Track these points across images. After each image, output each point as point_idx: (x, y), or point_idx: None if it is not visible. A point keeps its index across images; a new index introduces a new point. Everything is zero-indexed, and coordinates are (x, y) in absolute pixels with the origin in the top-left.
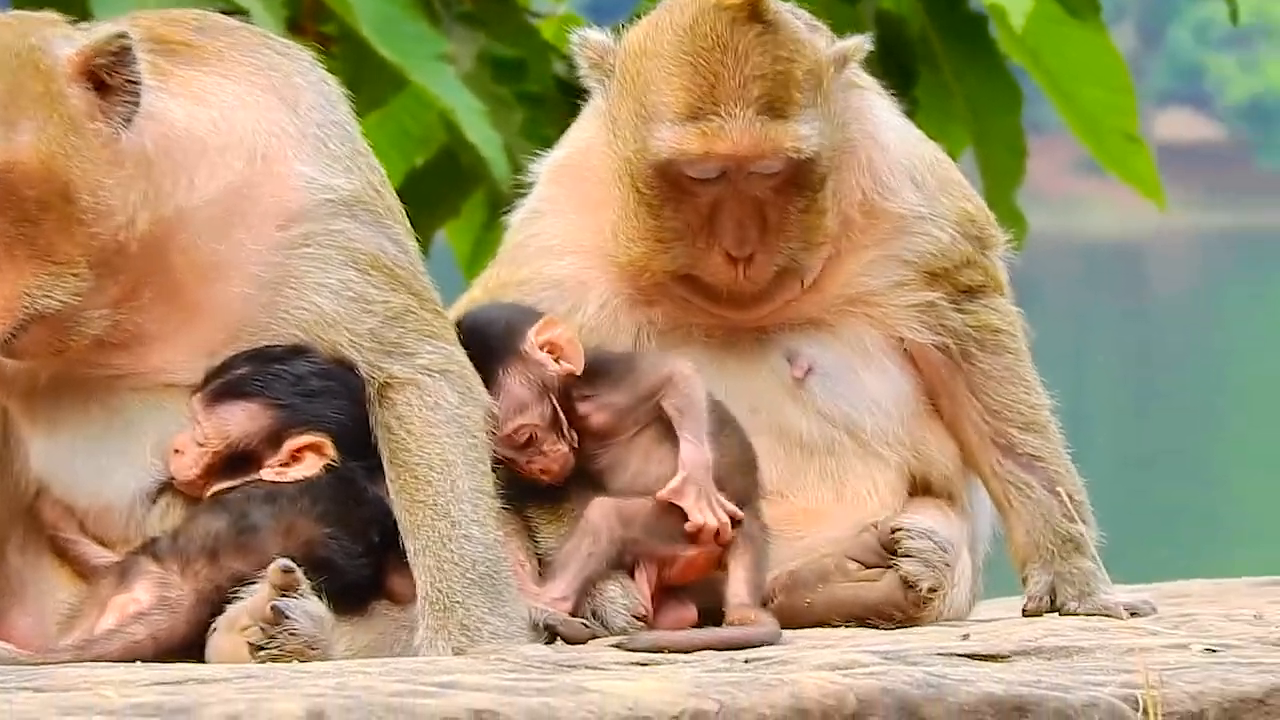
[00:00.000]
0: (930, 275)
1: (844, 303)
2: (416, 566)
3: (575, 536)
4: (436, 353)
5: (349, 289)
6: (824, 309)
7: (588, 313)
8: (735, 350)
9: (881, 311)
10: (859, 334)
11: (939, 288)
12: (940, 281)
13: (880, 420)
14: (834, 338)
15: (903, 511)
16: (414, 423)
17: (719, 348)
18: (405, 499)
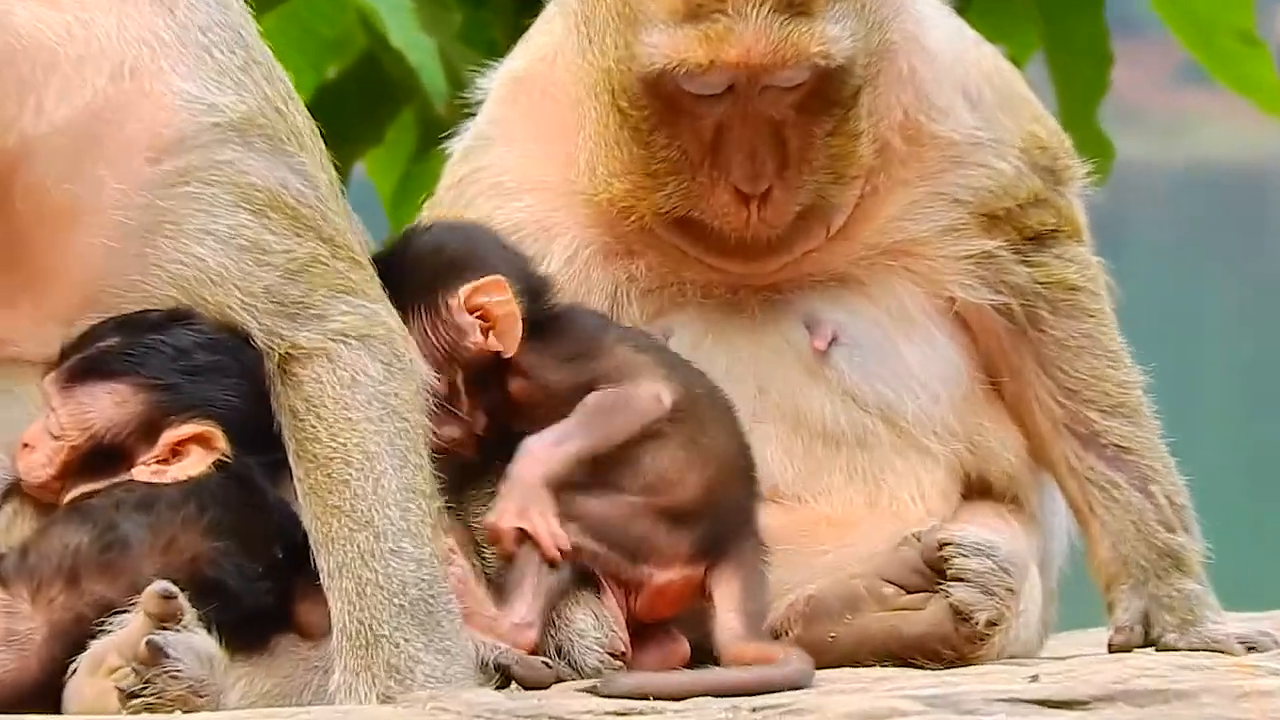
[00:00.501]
0: (989, 218)
1: (879, 253)
2: (332, 591)
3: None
4: (354, 313)
5: (240, 236)
6: (854, 261)
7: (551, 266)
8: (740, 314)
9: (927, 264)
10: (898, 293)
11: (1000, 234)
12: (1001, 226)
13: (925, 403)
14: (866, 299)
15: (953, 520)
16: (326, 404)
17: (719, 311)
18: (316, 504)
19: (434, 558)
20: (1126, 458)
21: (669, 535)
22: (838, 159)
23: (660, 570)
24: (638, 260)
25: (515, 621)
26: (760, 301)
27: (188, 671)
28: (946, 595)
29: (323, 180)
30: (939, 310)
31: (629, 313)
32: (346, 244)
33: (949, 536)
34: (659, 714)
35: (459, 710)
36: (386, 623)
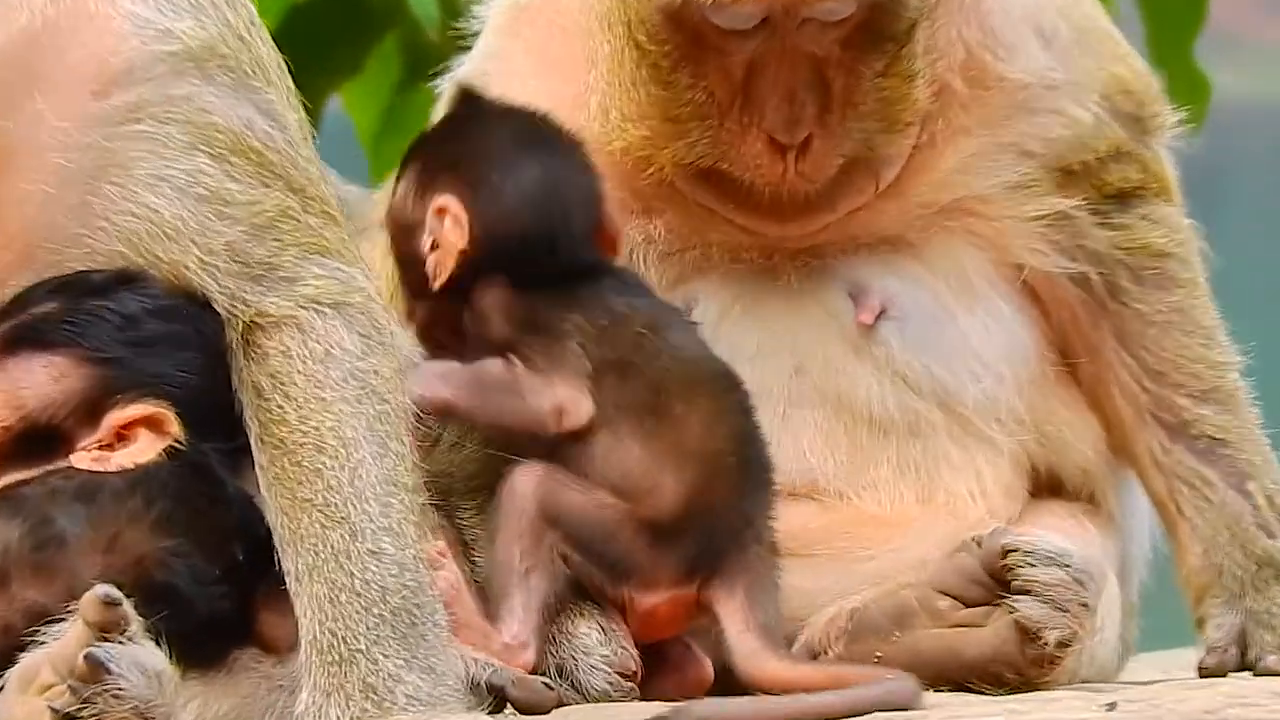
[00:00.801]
0: (1064, 173)
1: (936, 213)
2: (300, 597)
3: (499, 536)
4: (328, 277)
5: (199, 184)
6: (906, 222)
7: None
8: (774, 282)
9: (992, 226)
10: (958, 259)
11: (1076, 192)
12: (1078, 182)
13: (987, 386)
14: (920, 265)
15: (1019, 522)
16: (295, 381)
17: (749, 278)
18: (283, 497)
19: (418, 560)
20: (1221, 451)
21: (651, 552)
22: (889, 104)
23: (644, 593)
24: (656, 219)
25: (507, 641)
26: (797, 268)
27: (132, 690)
28: (1011, 610)
29: (292, 121)
30: (1005, 279)
31: (646, 279)
32: (319, 196)
33: (1014, 541)
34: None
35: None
36: (363, 635)
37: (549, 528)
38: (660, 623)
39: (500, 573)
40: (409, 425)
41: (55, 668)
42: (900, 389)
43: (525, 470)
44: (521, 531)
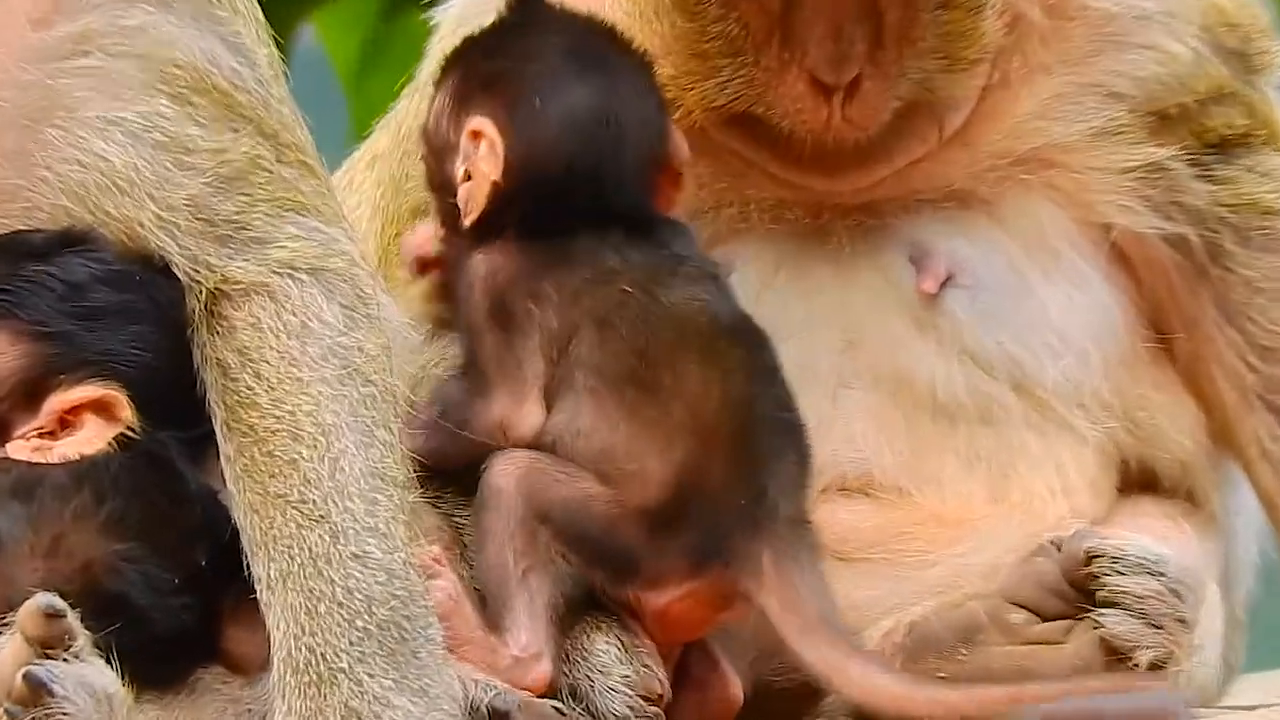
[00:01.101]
0: (1158, 117)
1: (1010, 164)
2: (272, 609)
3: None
4: (306, 238)
5: (155, 129)
6: (976, 175)
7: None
8: (824, 244)
9: (1074, 179)
10: (1035, 217)
11: (1172, 140)
12: (1175, 128)
13: (1070, 365)
14: (993, 224)
15: (1106, 522)
16: (267, 359)
17: (795, 240)
18: (253, 492)
19: (409, 566)
20: None
21: (649, 545)
22: (952, 38)
23: (650, 592)
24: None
25: (516, 654)
26: (850, 228)
27: (79, 715)
28: (1096, 625)
29: (262, 57)
30: (1090, 241)
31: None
32: (295, 143)
33: (1100, 545)
34: None
35: None
36: (345, 652)
37: (541, 523)
38: (677, 624)
39: (496, 578)
40: (398, 410)
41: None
42: (969, 369)
43: (505, 460)
44: (512, 531)
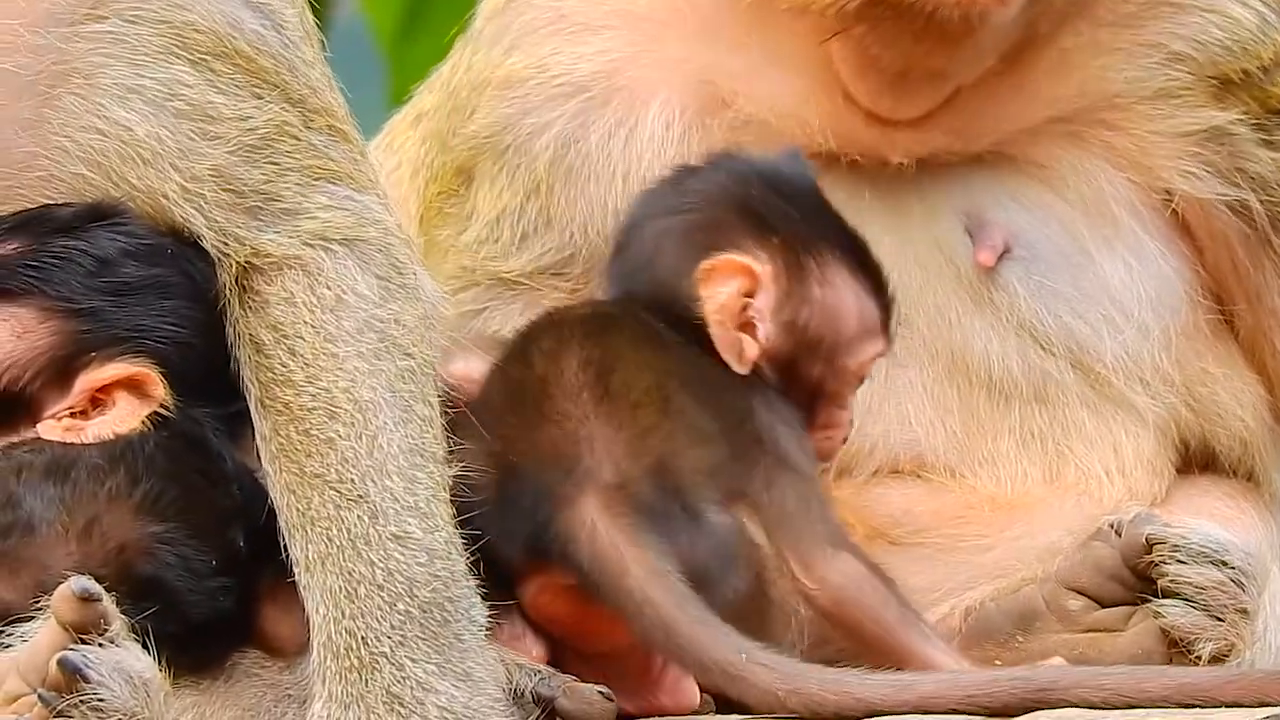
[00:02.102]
0: (1221, 83)
1: (1067, 122)
2: (311, 591)
3: None
4: (338, 207)
5: (177, 96)
6: (1032, 130)
7: (644, 135)
8: (876, 206)
9: (1135, 142)
10: (1094, 183)
11: (1235, 105)
12: (1237, 94)
13: (1130, 339)
14: (1050, 191)
15: (1166, 504)
16: (302, 335)
17: (848, 200)
18: (290, 472)
19: (451, 545)
20: None
21: (495, 541)
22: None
23: (521, 590)
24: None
25: (504, 638)
26: (907, 190)
27: (115, 701)
28: (1156, 615)
29: (290, 18)
30: (1150, 208)
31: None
32: (324, 107)
33: (1161, 532)
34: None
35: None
36: (387, 636)
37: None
38: (554, 622)
39: None
40: (437, 384)
41: (24, 675)
42: (1026, 344)
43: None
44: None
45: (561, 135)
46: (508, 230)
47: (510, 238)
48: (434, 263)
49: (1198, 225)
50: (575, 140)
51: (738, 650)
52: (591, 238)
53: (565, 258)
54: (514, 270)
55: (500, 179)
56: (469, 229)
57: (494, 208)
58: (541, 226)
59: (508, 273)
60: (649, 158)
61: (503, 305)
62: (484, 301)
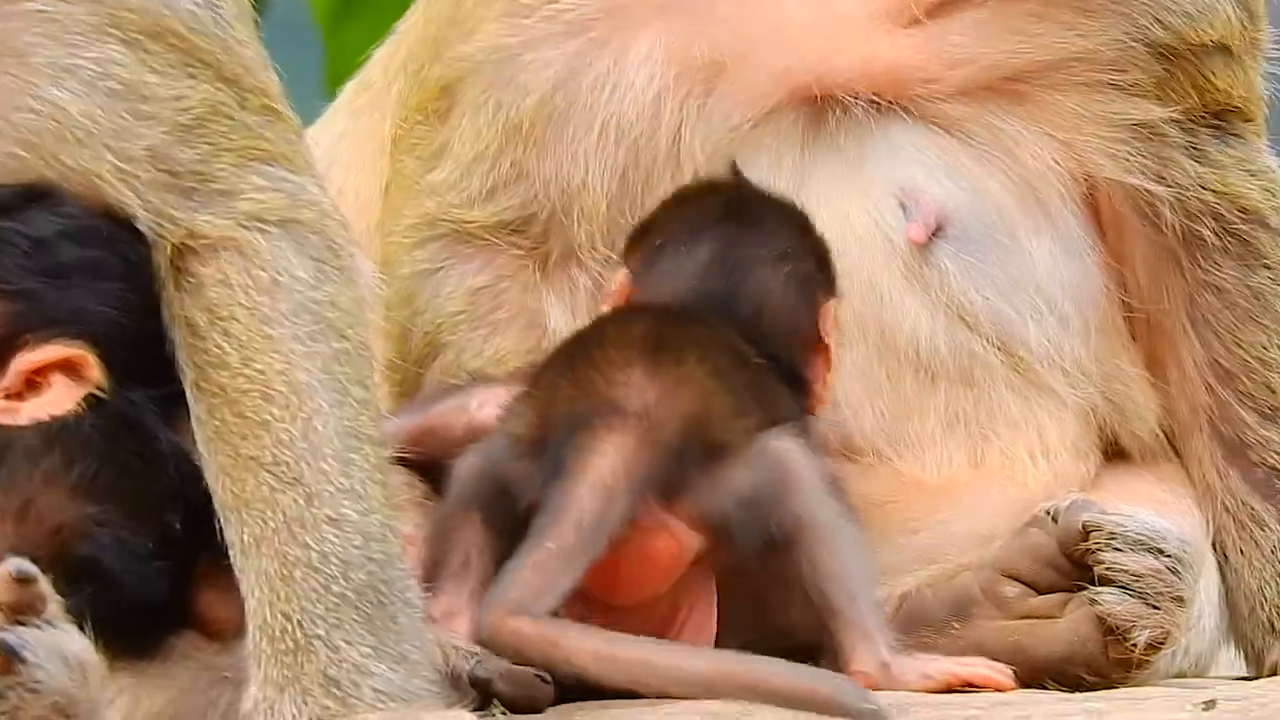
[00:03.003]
0: (1164, 55)
1: (995, 90)
2: (247, 574)
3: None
4: (273, 188)
5: (110, 76)
6: (967, 93)
7: (626, 92)
8: (813, 177)
9: (1068, 122)
10: (1019, 154)
11: (1177, 96)
12: (1179, 78)
13: (1052, 327)
14: (979, 163)
15: (1098, 487)
16: (236, 316)
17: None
18: (225, 454)
19: (386, 528)
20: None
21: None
22: None
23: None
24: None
25: (434, 614)
26: (842, 161)
27: (51, 682)
28: (1092, 602)
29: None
30: (1076, 198)
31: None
32: (259, 86)
33: (1097, 519)
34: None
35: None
36: (322, 618)
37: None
38: (629, 573)
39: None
40: (373, 367)
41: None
42: (954, 324)
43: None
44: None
45: (556, 76)
46: (478, 180)
47: (479, 188)
48: (397, 198)
49: (1114, 223)
50: (565, 82)
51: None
52: (555, 197)
53: (528, 215)
54: (476, 221)
55: (484, 113)
56: (438, 168)
57: (470, 148)
58: (512, 180)
59: (470, 222)
60: (629, 115)
61: (459, 264)
62: (440, 260)
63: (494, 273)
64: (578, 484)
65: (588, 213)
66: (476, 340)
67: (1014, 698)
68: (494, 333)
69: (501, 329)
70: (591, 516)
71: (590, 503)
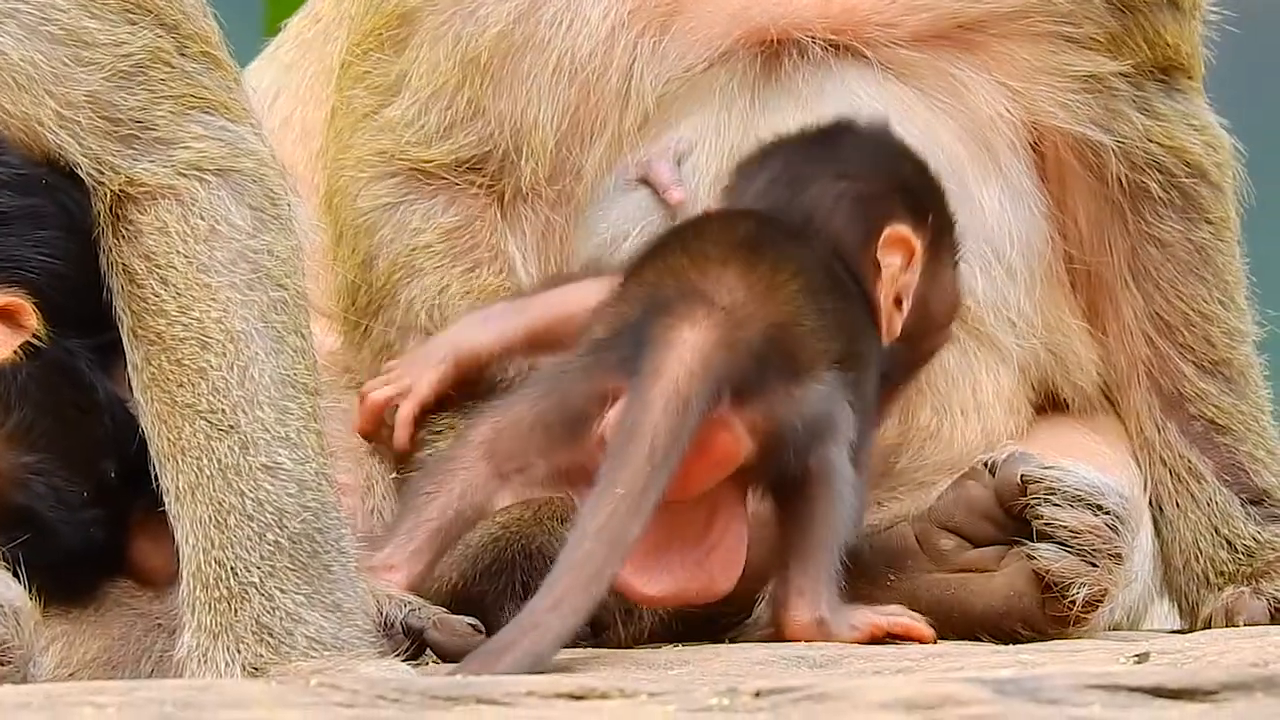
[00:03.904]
0: (1123, 11)
1: (948, 37)
2: (181, 522)
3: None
4: (212, 137)
5: (50, 21)
6: (920, 38)
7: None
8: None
9: (1020, 71)
10: (979, 109)
11: (1129, 49)
12: (1132, 33)
13: (999, 278)
14: (934, 114)
15: (1031, 439)
16: (174, 265)
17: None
18: (161, 402)
19: (321, 476)
20: (1218, 439)
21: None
22: None
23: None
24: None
25: (374, 563)
26: (796, 107)
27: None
28: (1029, 557)
29: None
30: (1025, 146)
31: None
32: (199, 33)
33: (1035, 473)
34: (628, 698)
35: (356, 689)
36: (256, 566)
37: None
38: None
39: (406, 494)
40: (309, 315)
41: None
42: None
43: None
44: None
45: (517, 9)
46: (435, 117)
47: (437, 125)
48: (344, 127)
49: (1058, 174)
50: (526, 16)
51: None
52: (508, 134)
53: (484, 154)
54: (434, 160)
55: (443, 44)
56: (394, 104)
57: (428, 83)
58: (468, 118)
59: (428, 161)
60: (583, 55)
61: (422, 200)
62: (401, 194)
63: (464, 213)
64: (653, 399)
65: (535, 151)
66: (459, 272)
67: (948, 649)
68: (476, 267)
69: (484, 265)
70: (666, 436)
71: (664, 421)
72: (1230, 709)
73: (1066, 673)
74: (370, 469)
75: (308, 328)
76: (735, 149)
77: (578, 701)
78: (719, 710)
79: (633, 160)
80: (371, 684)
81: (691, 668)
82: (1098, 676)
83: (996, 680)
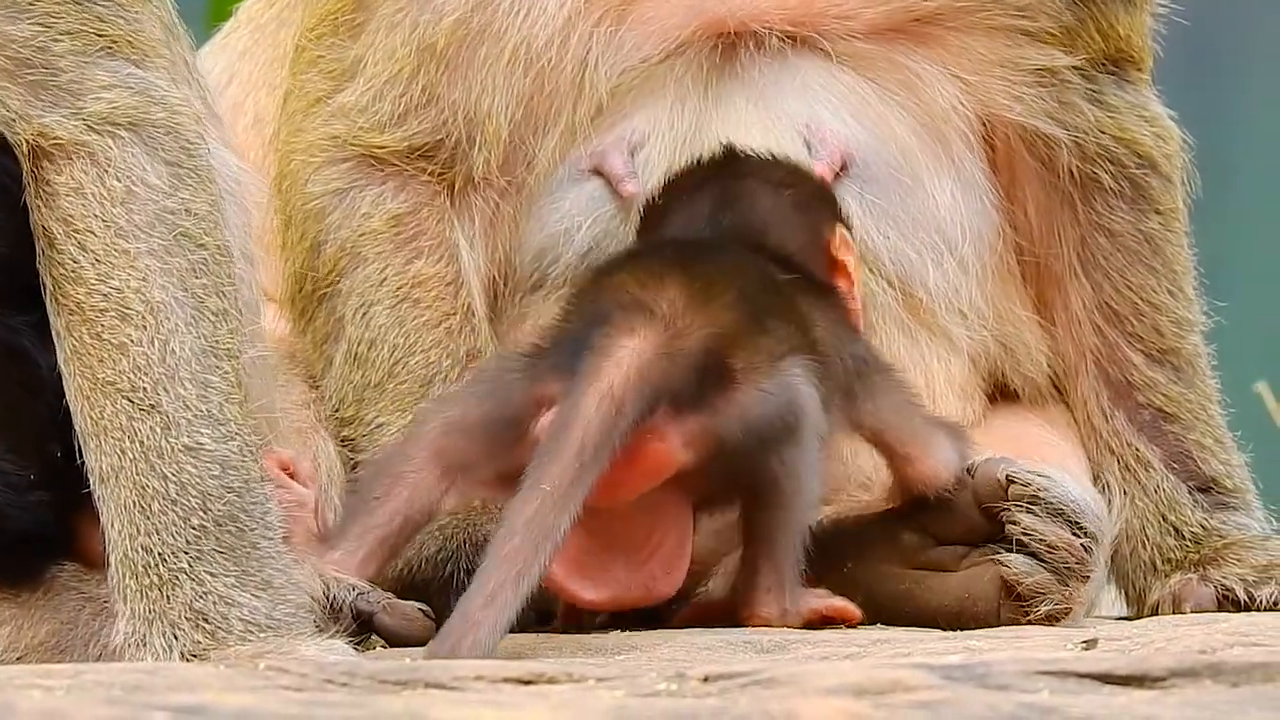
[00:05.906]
0: (1078, 3)
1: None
2: (106, 504)
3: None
4: (121, 85)
5: None
6: (874, 29)
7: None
8: (716, 118)
9: (972, 63)
10: (932, 101)
11: (1082, 43)
12: (1085, 29)
13: (951, 270)
14: (886, 105)
15: (981, 429)
16: (92, 229)
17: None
18: (83, 377)
19: (244, 452)
20: (1166, 427)
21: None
22: None
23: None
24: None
25: (327, 560)
26: (747, 97)
27: None
28: (998, 562)
29: None
30: (977, 138)
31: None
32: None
33: (1023, 474)
34: (576, 682)
35: (304, 672)
36: (184, 552)
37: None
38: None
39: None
40: (231, 269)
41: None
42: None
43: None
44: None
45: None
46: (389, 104)
47: (391, 112)
48: (297, 111)
49: (1008, 166)
50: (483, 4)
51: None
52: (462, 123)
53: (437, 141)
54: (387, 146)
55: (399, 31)
56: (348, 89)
57: (384, 70)
58: (423, 105)
59: (381, 147)
60: (538, 46)
61: (372, 186)
62: (351, 179)
63: (412, 200)
64: (586, 400)
65: (488, 140)
66: (399, 262)
67: (896, 635)
68: (416, 256)
69: (424, 255)
70: (596, 435)
71: (596, 420)
72: (1179, 695)
73: (1015, 659)
74: (317, 448)
75: (229, 285)
76: (689, 141)
77: (526, 686)
78: (667, 695)
79: (586, 151)
80: (320, 667)
81: (639, 653)
82: (1046, 663)
83: (945, 666)
